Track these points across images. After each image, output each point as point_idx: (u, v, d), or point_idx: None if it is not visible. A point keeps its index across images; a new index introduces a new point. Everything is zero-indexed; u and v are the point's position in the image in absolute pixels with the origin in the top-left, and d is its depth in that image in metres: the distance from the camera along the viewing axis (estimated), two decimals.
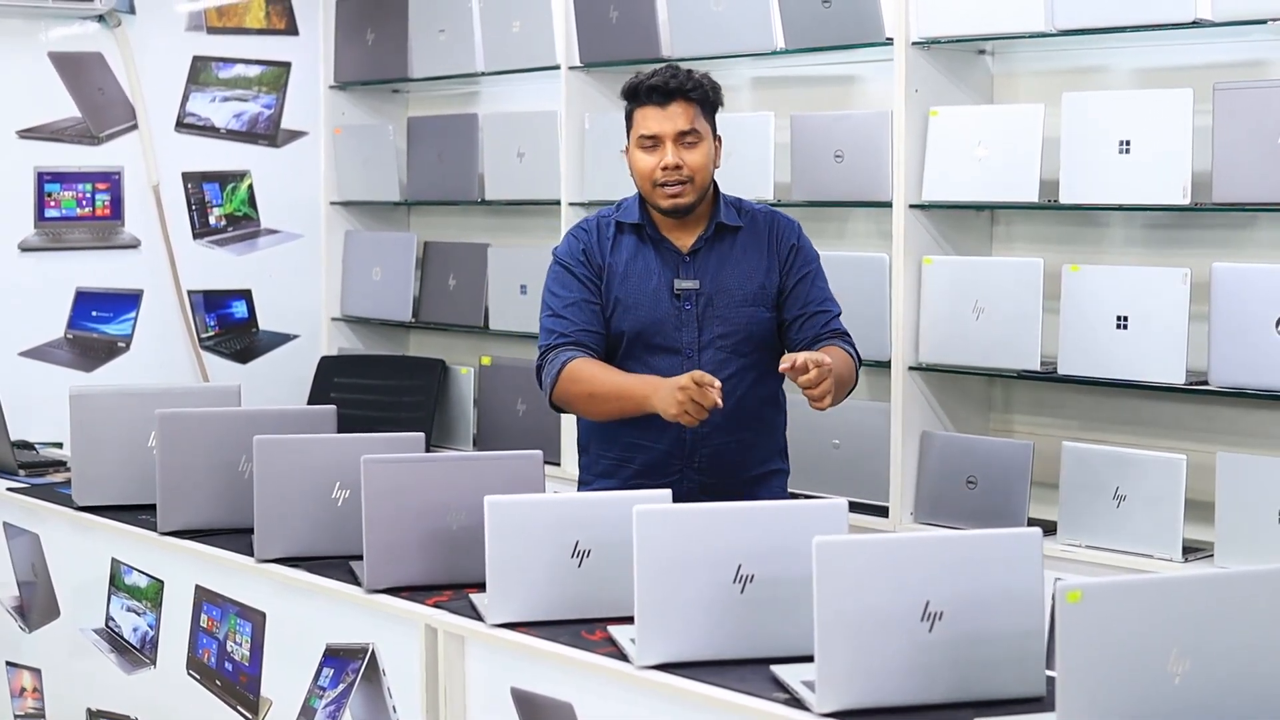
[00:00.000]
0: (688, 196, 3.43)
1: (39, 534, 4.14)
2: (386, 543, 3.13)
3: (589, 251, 3.51)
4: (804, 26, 4.48)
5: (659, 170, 3.41)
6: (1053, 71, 4.33)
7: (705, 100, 3.46)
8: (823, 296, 3.54)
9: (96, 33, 5.68)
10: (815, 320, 3.50)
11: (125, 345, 5.77)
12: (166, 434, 3.64)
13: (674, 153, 3.40)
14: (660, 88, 3.41)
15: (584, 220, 3.61)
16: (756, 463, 3.55)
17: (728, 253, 3.50)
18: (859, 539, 2.44)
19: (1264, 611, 2.24)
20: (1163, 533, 3.85)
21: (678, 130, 3.40)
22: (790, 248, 3.53)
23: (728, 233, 3.51)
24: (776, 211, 3.61)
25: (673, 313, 3.47)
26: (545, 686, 2.83)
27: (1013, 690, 2.46)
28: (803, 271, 3.53)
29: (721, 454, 3.49)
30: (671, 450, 3.49)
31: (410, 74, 5.74)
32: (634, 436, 3.49)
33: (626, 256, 3.50)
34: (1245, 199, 3.75)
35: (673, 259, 3.49)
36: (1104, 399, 4.24)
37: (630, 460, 3.52)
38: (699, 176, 3.43)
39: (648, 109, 3.43)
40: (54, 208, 5.63)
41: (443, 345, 5.97)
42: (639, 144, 3.44)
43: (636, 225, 3.51)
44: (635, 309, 3.47)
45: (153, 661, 3.79)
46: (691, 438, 3.46)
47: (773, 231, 3.54)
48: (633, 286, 3.48)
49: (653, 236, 3.50)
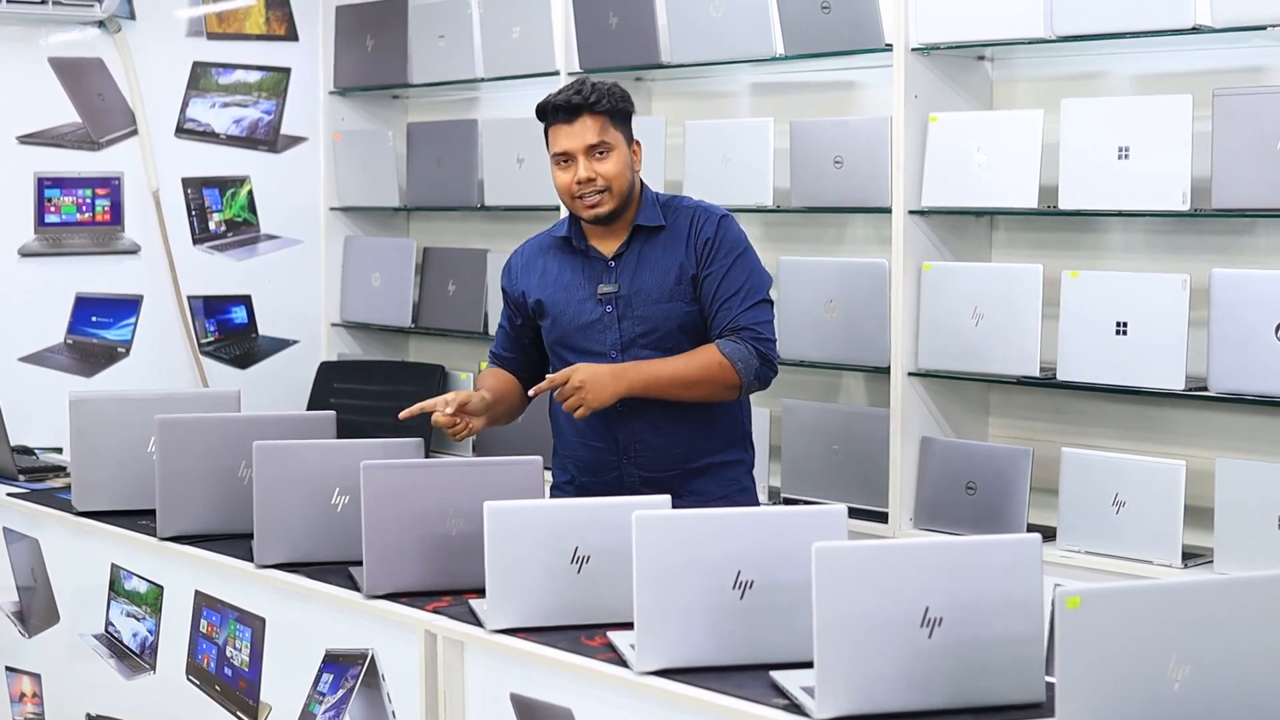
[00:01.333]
0: (606, 205, 3.51)
1: (39, 539, 4.14)
2: (386, 548, 3.13)
3: (514, 278, 3.70)
4: (803, 32, 4.49)
5: (574, 184, 3.50)
6: (1052, 77, 4.34)
7: (614, 110, 3.52)
8: (731, 291, 3.52)
9: (96, 38, 5.68)
10: (719, 319, 3.52)
11: (125, 350, 5.77)
12: (166, 439, 3.64)
13: (586, 166, 3.48)
14: (564, 105, 3.49)
15: (524, 243, 3.75)
16: (703, 453, 3.59)
17: (648, 253, 3.57)
18: (858, 545, 2.44)
19: (1263, 617, 2.24)
20: (1162, 538, 3.85)
21: (587, 144, 3.48)
22: (705, 241, 3.55)
23: (650, 234, 3.58)
24: (704, 206, 3.63)
25: (596, 318, 3.56)
26: (544, 692, 2.83)
27: (1012, 696, 2.46)
28: (713, 267, 3.54)
29: (654, 447, 3.56)
30: (609, 447, 3.59)
31: (410, 80, 5.74)
32: (577, 437, 3.63)
33: (556, 269, 3.63)
34: (1244, 205, 3.75)
35: (598, 266, 3.59)
36: (1103, 405, 4.24)
37: (577, 458, 3.65)
38: (615, 185, 3.50)
39: (558, 127, 3.51)
40: (54, 213, 5.63)
41: (442, 351, 5.97)
42: (555, 162, 3.53)
43: (565, 238, 3.63)
44: (562, 317, 3.60)
45: (152, 667, 3.79)
46: (624, 435, 3.57)
47: (692, 225, 3.58)
48: (560, 296, 3.61)
49: (579, 247, 3.61)
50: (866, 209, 4.46)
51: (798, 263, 4.56)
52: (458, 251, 5.74)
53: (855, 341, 4.43)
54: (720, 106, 5.09)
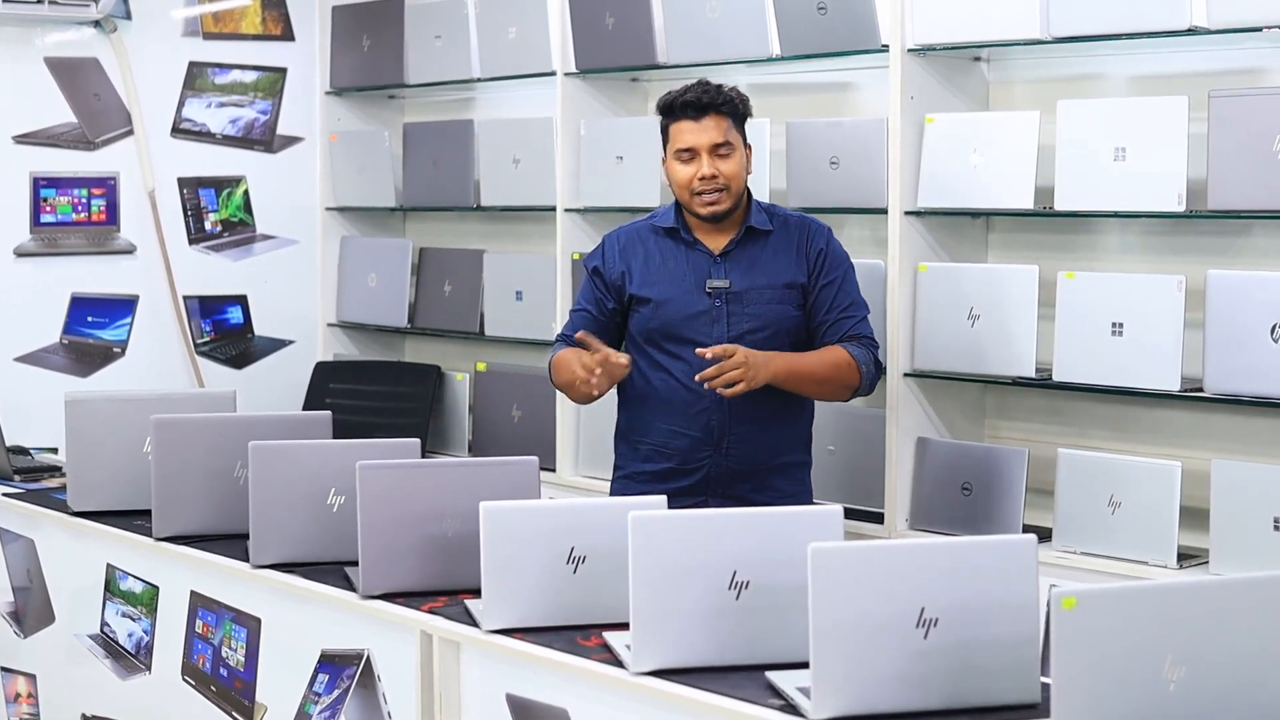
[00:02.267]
0: (724, 203, 3.63)
1: (34, 539, 4.14)
2: (382, 548, 3.13)
3: (609, 260, 3.73)
4: (800, 33, 4.49)
5: (696, 180, 3.61)
6: (1048, 79, 4.34)
7: (736, 113, 3.66)
8: (847, 301, 3.72)
9: (92, 38, 5.68)
10: (839, 325, 3.69)
11: (121, 351, 5.77)
12: (162, 440, 3.64)
13: (709, 163, 3.60)
14: (694, 103, 3.61)
15: (620, 228, 3.81)
16: (782, 452, 3.72)
17: (758, 254, 3.69)
18: (854, 546, 2.44)
19: (1259, 618, 2.24)
20: (1158, 539, 3.85)
21: (712, 142, 3.60)
22: (819, 252, 3.72)
23: (759, 236, 3.70)
24: (809, 217, 3.80)
25: (705, 309, 3.65)
26: (540, 692, 2.83)
27: (1007, 697, 2.46)
28: (829, 277, 3.71)
29: (746, 441, 3.66)
30: (702, 437, 3.65)
31: (406, 80, 5.74)
32: (666, 423, 3.67)
33: (659, 259, 3.70)
34: (1240, 206, 3.75)
35: (705, 260, 3.68)
36: (1099, 406, 4.24)
37: (666, 446, 3.68)
38: (734, 184, 3.63)
39: (683, 123, 3.62)
40: (50, 213, 5.63)
41: (438, 351, 5.97)
42: (676, 156, 3.64)
43: (671, 229, 3.71)
44: (668, 306, 3.66)
45: (148, 667, 3.79)
46: (719, 425, 3.64)
47: (803, 235, 3.73)
48: (666, 286, 3.67)
49: (686, 240, 3.69)
50: (863, 210, 4.46)
51: None
52: (454, 252, 5.74)
53: None
54: None
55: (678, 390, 3.66)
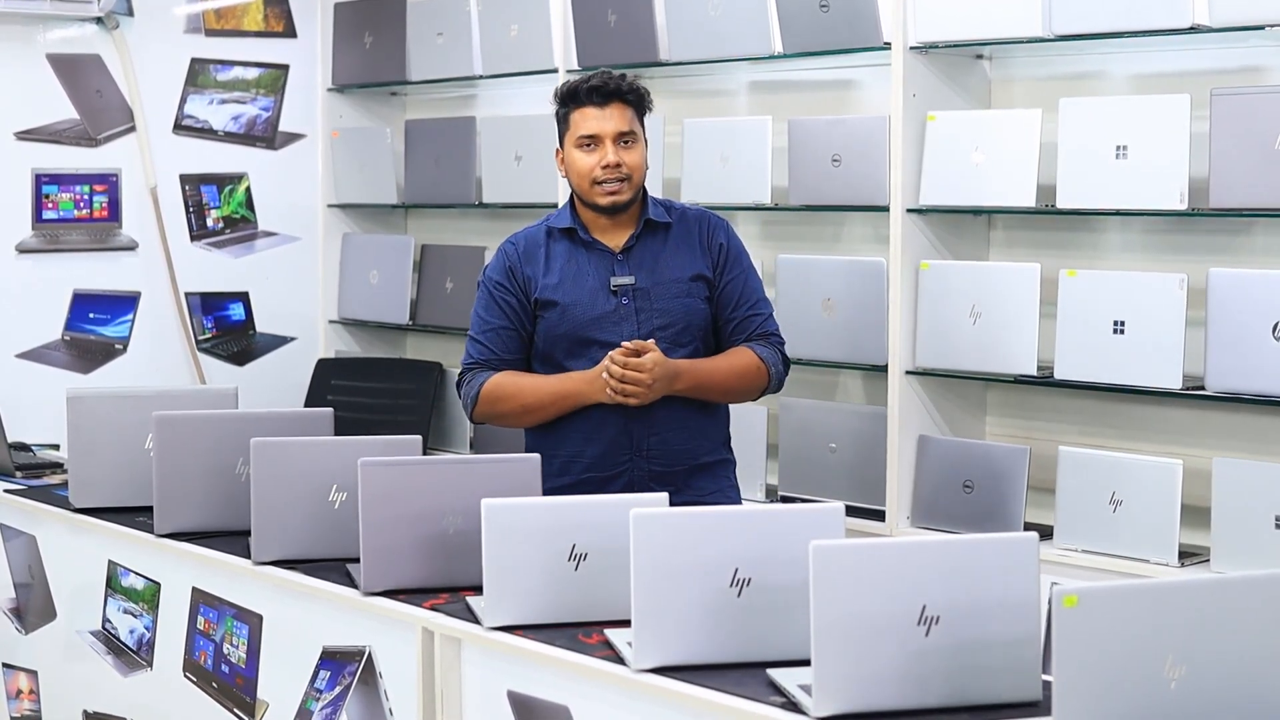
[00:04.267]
0: (625, 194, 3.53)
1: (36, 536, 4.14)
2: (383, 545, 3.13)
3: (514, 268, 3.62)
4: (802, 31, 4.49)
5: (599, 169, 3.51)
6: (1050, 77, 4.34)
7: (640, 104, 3.59)
8: (754, 297, 3.64)
9: (94, 35, 5.68)
10: (747, 324, 3.61)
11: (122, 347, 5.77)
12: (163, 436, 3.64)
13: (614, 152, 3.51)
14: (600, 89, 3.53)
15: (513, 234, 3.69)
16: (704, 451, 3.62)
17: (660, 248, 3.60)
18: (855, 543, 2.44)
19: (1260, 617, 2.24)
20: (1159, 538, 3.86)
21: (617, 130, 3.52)
22: (720, 246, 3.63)
23: (659, 229, 3.61)
24: (707, 211, 3.71)
25: (610, 309, 3.55)
26: (542, 690, 2.83)
27: (1008, 695, 2.46)
28: (734, 272, 3.63)
29: (669, 442, 3.56)
30: (618, 440, 3.55)
31: (408, 77, 5.74)
32: (581, 431, 3.56)
33: (561, 261, 3.60)
34: (1242, 204, 3.75)
35: (606, 258, 3.58)
36: (1100, 404, 4.24)
37: (581, 454, 3.58)
38: (636, 175, 3.54)
39: (587, 109, 3.53)
40: (51, 209, 5.63)
41: (440, 348, 5.97)
42: (578, 144, 3.54)
43: (568, 230, 3.60)
44: (573, 309, 3.56)
45: (149, 664, 3.79)
46: (638, 427, 3.54)
47: (703, 228, 3.64)
48: (569, 288, 3.57)
49: (585, 239, 3.59)
50: (864, 207, 4.46)
51: (796, 261, 4.56)
52: (456, 249, 5.74)
53: (853, 340, 4.43)
54: (718, 105, 5.09)
55: None
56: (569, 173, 3.58)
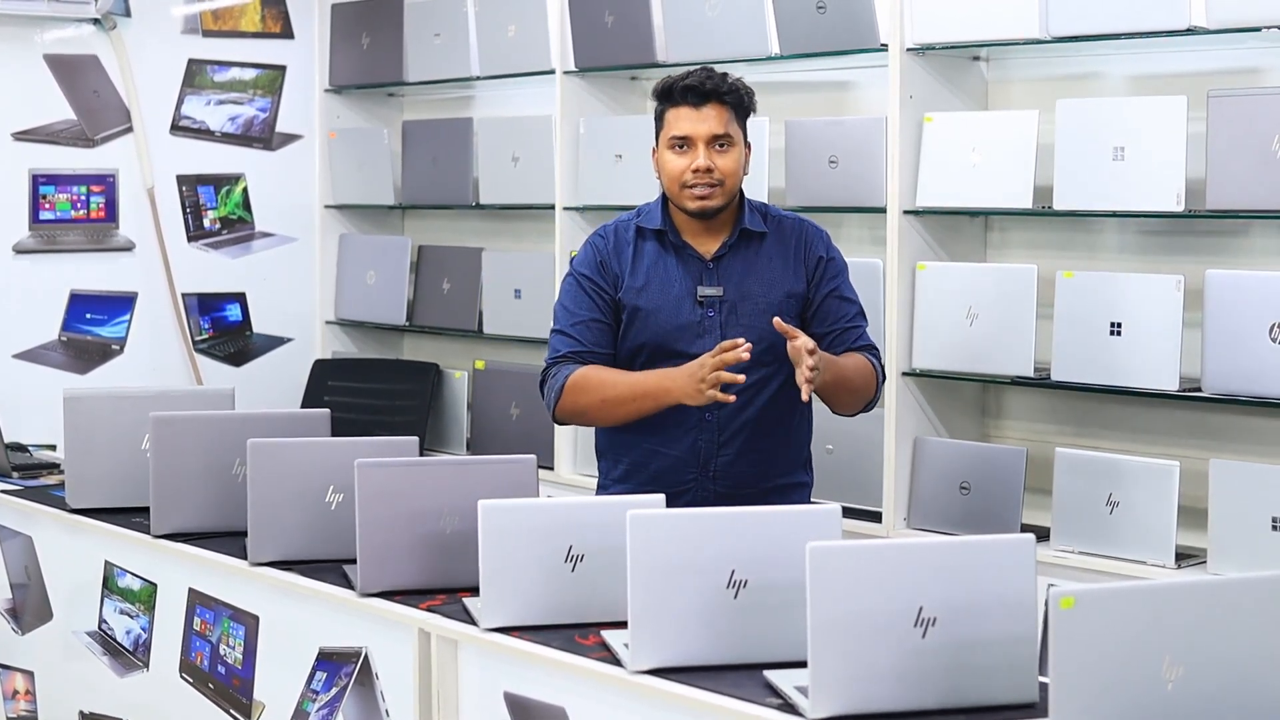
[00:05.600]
0: (716, 200, 3.34)
1: (32, 536, 4.14)
2: (380, 546, 3.13)
3: (605, 262, 3.44)
4: (799, 32, 4.49)
5: (689, 172, 3.33)
6: (1047, 78, 4.34)
7: (739, 105, 3.39)
8: (853, 311, 3.45)
9: (92, 35, 5.68)
10: (845, 336, 3.42)
11: (119, 348, 5.77)
12: (160, 437, 3.64)
13: (705, 155, 3.32)
14: (696, 88, 3.34)
15: (603, 226, 3.50)
16: (776, 474, 3.47)
17: (753, 259, 3.41)
18: (852, 545, 2.44)
19: (1257, 618, 2.24)
20: (1156, 539, 3.86)
21: (711, 133, 3.33)
22: (818, 259, 3.44)
23: (753, 239, 3.42)
24: (805, 219, 3.51)
25: (695, 320, 3.37)
26: (538, 691, 2.83)
27: (1005, 696, 2.46)
28: (831, 285, 3.44)
29: (736, 464, 3.41)
30: (685, 458, 3.40)
31: (405, 78, 5.74)
32: (649, 442, 3.42)
33: (647, 263, 3.41)
34: (1239, 206, 3.75)
35: (696, 265, 3.40)
36: (1097, 405, 4.24)
37: (646, 465, 3.44)
38: (729, 181, 3.34)
39: (681, 109, 3.35)
40: (49, 210, 5.63)
41: (437, 349, 5.97)
42: (669, 144, 3.36)
43: (659, 231, 3.43)
44: (656, 316, 3.38)
45: (145, 664, 3.79)
46: (707, 446, 3.39)
47: (800, 240, 3.45)
48: (654, 294, 3.39)
49: (675, 243, 3.41)
50: (861, 209, 4.46)
51: None
52: (453, 250, 5.74)
53: None
54: None
55: None
56: (661, 174, 3.39)
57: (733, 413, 3.35)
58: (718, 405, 3.25)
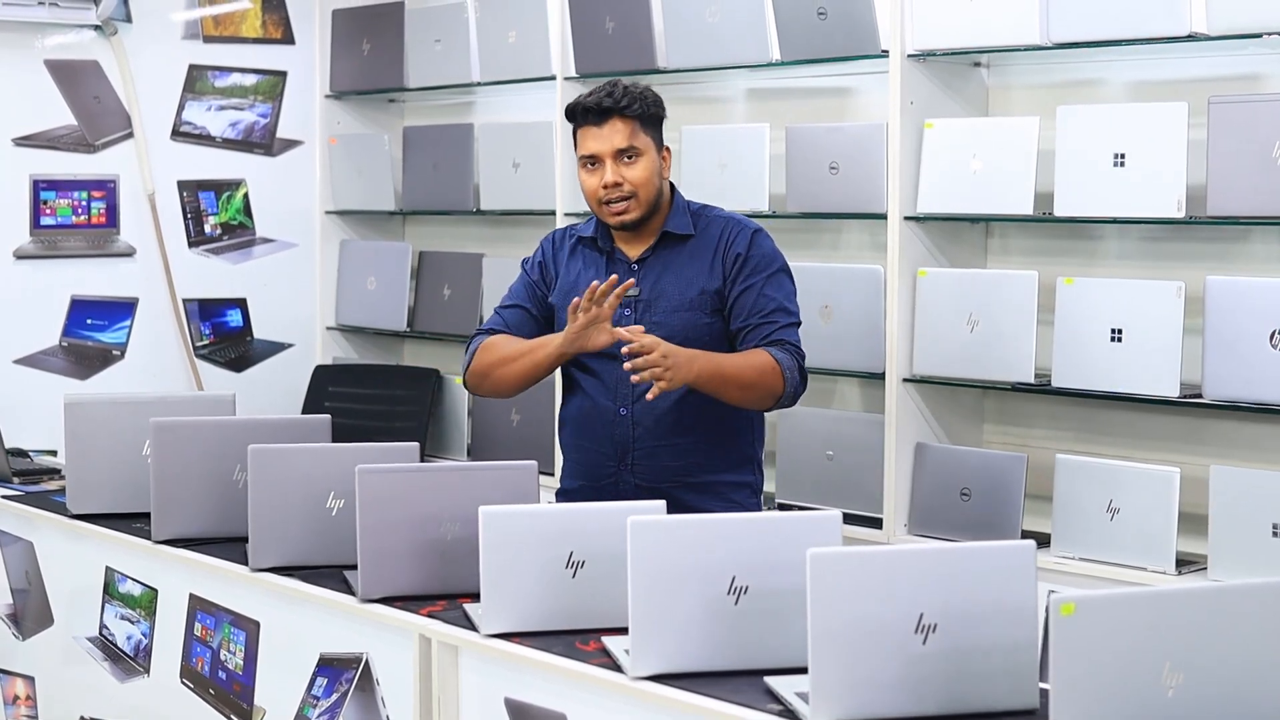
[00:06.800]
0: (633, 212, 3.46)
1: (33, 542, 4.14)
2: (381, 552, 3.13)
3: (545, 263, 3.64)
4: (799, 38, 4.49)
5: (601, 189, 3.45)
6: (1048, 84, 4.34)
7: (644, 115, 3.47)
8: (771, 306, 3.48)
9: (93, 41, 5.68)
10: (757, 332, 3.46)
11: (120, 353, 5.77)
12: (161, 442, 3.64)
13: (613, 171, 3.43)
14: (594, 108, 3.45)
15: (555, 230, 3.71)
16: (707, 471, 3.52)
17: (673, 260, 3.53)
18: (853, 551, 2.44)
19: (1258, 625, 2.24)
20: (1156, 545, 3.85)
21: (615, 148, 3.44)
22: (736, 256, 3.50)
23: (677, 241, 3.53)
24: (736, 218, 3.58)
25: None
26: (539, 697, 2.83)
27: (1006, 703, 2.46)
28: (748, 282, 3.48)
29: (655, 457, 3.50)
30: (606, 451, 3.53)
31: (406, 84, 5.74)
32: (580, 439, 3.59)
33: (579, 267, 3.58)
34: (1239, 212, 3.75)
35: (622, 269, 3.53)
36: (1098, 411, 4.24)
37: (581, 461, 3.60)
38: (643, 191, 3.46)
39: (587, 129, 3.47)
40: (49, 215, 5.63)
41: (437, 355, 5.97)
42: (582, 164, 3.49)
43: (590, 238, 3.59)
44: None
45: (146, 670, 3.79)
46: (623, 439, 3.51)
47: (723, 238, 3.52)
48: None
49: (605, 249, 3.57)
50: (862, 215, 4.46)
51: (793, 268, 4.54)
52: (453, 256, 5.74)
53: (850, 347, 4.43)
54: (716, 112, 5.09)
55: (587, 404, 3.54)
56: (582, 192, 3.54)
57: (647, 407, 3.46)
58: (633, 400, 3.45)
